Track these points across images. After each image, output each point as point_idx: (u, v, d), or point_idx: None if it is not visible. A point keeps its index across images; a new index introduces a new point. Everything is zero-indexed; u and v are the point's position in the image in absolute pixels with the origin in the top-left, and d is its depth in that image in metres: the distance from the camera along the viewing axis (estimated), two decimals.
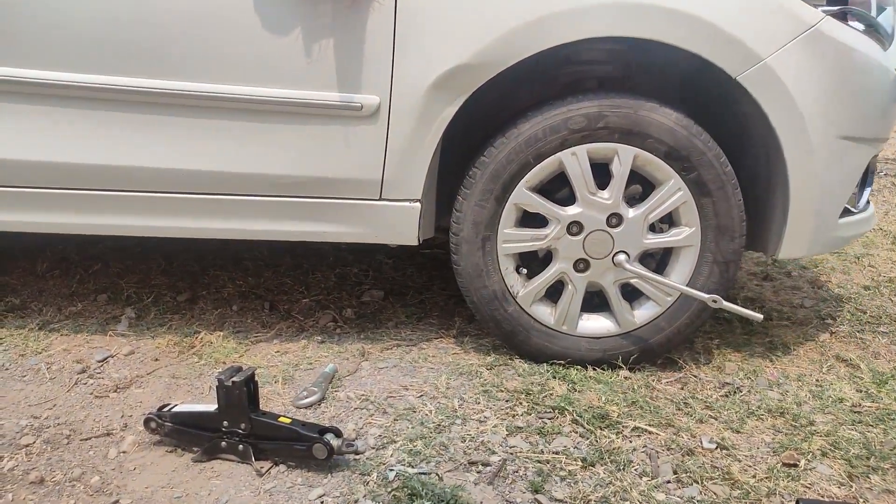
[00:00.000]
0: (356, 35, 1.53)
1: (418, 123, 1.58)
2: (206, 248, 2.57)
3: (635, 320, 1.72)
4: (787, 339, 1.98)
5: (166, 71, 1.57)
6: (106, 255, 2.48)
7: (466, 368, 1.73)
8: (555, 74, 1.77)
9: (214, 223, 1.70)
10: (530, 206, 1.66)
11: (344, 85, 1.57)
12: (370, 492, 1.26)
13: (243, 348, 1.85)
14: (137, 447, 1.41)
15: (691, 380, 1.73)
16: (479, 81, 1.55)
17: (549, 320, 1.73)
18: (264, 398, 1.59)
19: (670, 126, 1.58)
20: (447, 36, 1.53)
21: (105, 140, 1.62)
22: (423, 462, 1.34)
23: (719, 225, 1.64)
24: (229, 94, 1.57)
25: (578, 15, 1.50)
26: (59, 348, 1.83)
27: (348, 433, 1.44)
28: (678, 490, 1.29)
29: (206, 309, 2.09)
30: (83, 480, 1.31)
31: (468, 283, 1.72)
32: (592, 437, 1.44)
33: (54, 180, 1.67)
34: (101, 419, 1.52)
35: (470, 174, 1.66)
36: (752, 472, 1.34)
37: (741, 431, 1.49)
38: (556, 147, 1.61)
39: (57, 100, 1.60)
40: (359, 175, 1.63)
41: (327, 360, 1.78)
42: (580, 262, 1.67)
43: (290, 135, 1.61)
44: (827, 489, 1.29)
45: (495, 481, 1.30)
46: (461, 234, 1.68)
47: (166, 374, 1.72)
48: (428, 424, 1.48)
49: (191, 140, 1.62)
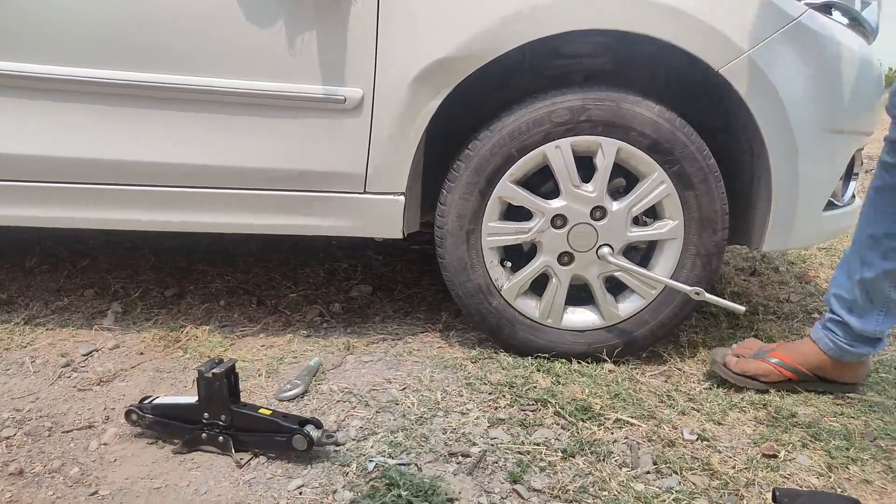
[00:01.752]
0: (339, 27, 1.54)
1: (402, 116, 1.58)
2: (196, 243, 2.57)
3: (620, 313, 1.72)
4: (772, 333, 1.98)
5: (148, 64, 1.57)
6: (95, 250, 2.48)
7: (451, 362, 1.73)
8: (541, 68, 1.77)
9: (199, 217, 1.70)
10: (514, 199, 1.66)
11: (327, 78, 1.57)
12: (349, 482, 1.26)
13: (229, 342, 1.85)
14: (118, 439, 1.41)
15: (675, 373, 1.73)
16: (462, 74, 1.55)
17: (534, 313, 1.73)
18: (248, 391, 1.59)
19: (653, 119, 1.58)
20: (430, 28, 1.53)
21: (88, 133, 1.62)
22: (404, 453, 1.34)
23: (702, 218, 1.64)
24: (212, 88, 1.57)
25: (562, 7, 1.50)
26: (45, 342, 1.83)
27: (329, 425, 1.44)
28: (657, 481, 1.29)
29: (193, 304, 2.09)
30: (63, 472, 1.31)
31: (453, 277, 1.72)
32: (574, 428, 1.44)
33: (39, 174, 1.66)
34: (83, 412, 1.52)
35: (454, 167, 1.66)
36: (732, 463, 1.34)
37: (723, 423, 1.49)
38: (540, 140, 1.61)
39: (39, 93, 1.59)
40: (343, 168, 1.63)
41: (312, 354, 1.78)
42: (564, 256, 1.68)
43: (274, 128, 1.61)
44: (806, 479, 1.30)
45: (475, 472, 1.30)
46: (445, 227, 1.69)
47: (150, 367, 1.72)
48: (410, 416, 1.48)
49: (174, 133, 1.62)
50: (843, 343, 1.53)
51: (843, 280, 1.53)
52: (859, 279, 1.48)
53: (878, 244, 1.45)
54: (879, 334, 1.52)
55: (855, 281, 1.49)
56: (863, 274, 1.48)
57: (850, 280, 1.51)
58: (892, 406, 1.56)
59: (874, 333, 1.51)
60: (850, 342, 1.53)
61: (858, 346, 1.53)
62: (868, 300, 1.49)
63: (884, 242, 1.45)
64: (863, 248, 1.48)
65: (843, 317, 1.52)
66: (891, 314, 1.50)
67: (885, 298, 1.48)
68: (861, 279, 1.48)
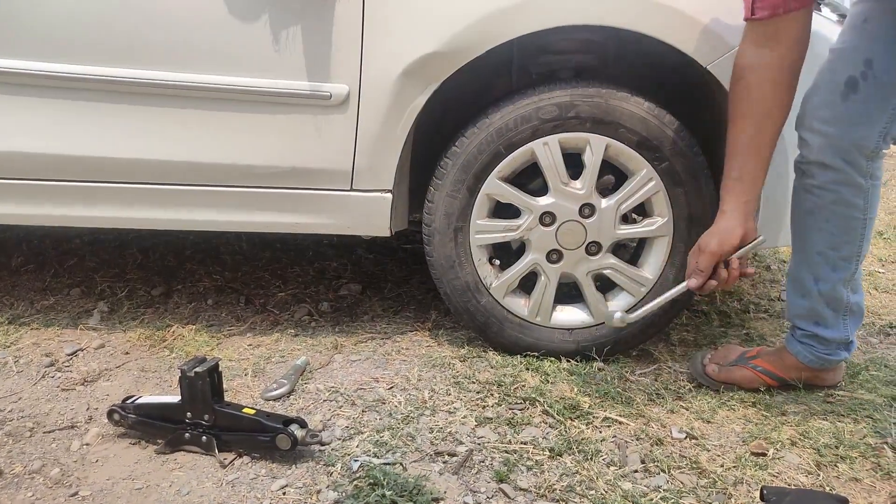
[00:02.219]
0: (324, 22, 1.52)
1: (388, 112, 1.56)
2: (184, 242, 2.55)
3: (609, 311, 1.71)
4: (763, 331, 1.97)
5: (133, 59, 1.55)
6: (82, 249, 2.46)
7: (439, 360, 1.72)
8: (530, 64, 1.76)
9: (186, 214, 1.68)
10: (502, 196, 1.64)
11: (313, 74, 1.55)
12: (333, 482, 1.24)
13: (216, 342, 1.84)
14: (101, 439, 1.39)
15: (665, 371, 1.72)
16: (449, 70, 1.54)
17: (523, 312, 1.72)
18: (234, 391, 1.58)
19: (642, 116, 1.57)
20: (417, 23, 1.52)
21: (72, 130, 1.60)
22: (389, 453, 1.33)
23: (692, 214, 1.63)
24: (198, 84, 1.55)
25: (551, 3, 1.49)
26: (29, 342, 1.81)
27: (315, 425, 1.43)
28: (645, 479, 1.28)
29: (180, 303, 2.08)
30: (43, 472, 1.29)
31: (441, 275, 1.71)
32: (562, 427, 1.43)
33: (21, 171, 1.64)
34: (66, 412, 1.50)
35: (442, 164, 1.65)
36: (721, 462, 1.33)
37: (712, 422, 1.48)
38: (528, 137, 1.59)
39: (20, 88, 1.57)
40: (329, 165, 1.62)
41: (300, 353, 1.77)
42: (553, 253, 1.66)
43: (260, 124, 1.59)
44: (794, 478, 1.29)
45: (461, 471, 1.28)
46: (433, 224, 1.67)
47: (136, 367, 1.70)
48: (396, 416, 1.46)
49: (160, 130, 1.60)
50: (823, 354, 1.54)
51: (799, 300, 1.54)
52: (817, 293, 1.50)
53: (826, 258, 1.47)
54: (851, 337, 1.54)
55: (814, 296, 1.50)
56: (819, 288, 1.49)
57: (805, 298, 1.52)
58: (881, 404, 1.55)
59: (846, 338, 1.53)
60: (829, 352, 1.54)
61: (836, 353, 1.55)
62: (831, 310, 1.51)
63: (830, 255, 1.46)
64: (812, 266, 1.49)
65: (813, 331, 1.53)
66: (853, 316, 1.52)
67: (843, 304, 1.50)
68: (819, 292, 1.50)
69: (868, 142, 1.37)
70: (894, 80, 1.33)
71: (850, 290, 1.49)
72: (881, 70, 1.32)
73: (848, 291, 1.49)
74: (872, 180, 1.40)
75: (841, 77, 1.36)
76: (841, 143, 1.37)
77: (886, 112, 1.35)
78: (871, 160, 1.39)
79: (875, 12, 1.34)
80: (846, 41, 1.39)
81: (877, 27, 1.33)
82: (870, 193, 1.41)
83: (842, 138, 1.37)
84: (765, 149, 1.38)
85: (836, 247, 1.46)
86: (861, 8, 1.38)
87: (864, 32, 1.35)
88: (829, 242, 1.46)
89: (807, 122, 1.42)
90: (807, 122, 1.42)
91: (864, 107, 1.35)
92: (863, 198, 1.41)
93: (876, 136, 1.36)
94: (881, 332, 1.99)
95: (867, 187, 1.40)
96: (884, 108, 1.35)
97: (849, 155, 1.37)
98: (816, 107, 1.40)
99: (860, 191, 1.40)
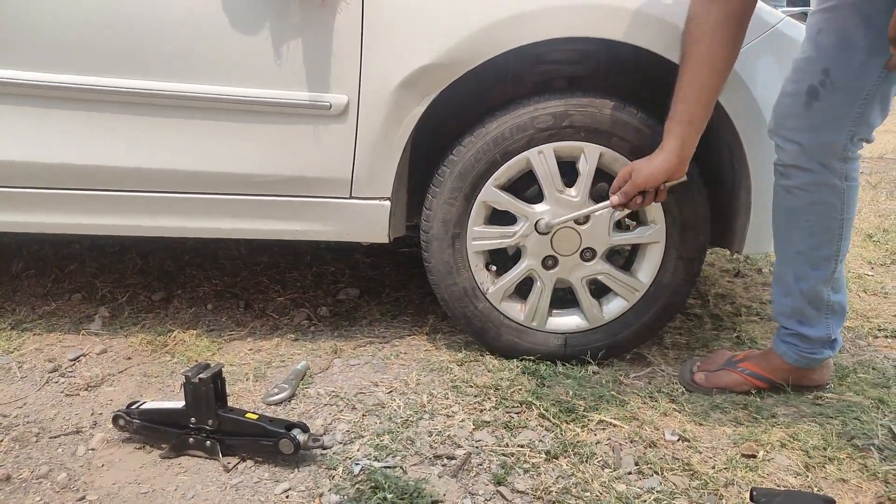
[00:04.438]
0: (324, 34, 1.55)
1: (387, 122, 1.59)
2: (184, 247, 2.58)
3: (604, 316, 1.74)
4: (754, 335, 2.01)
5: (135, 70, 1.58)
6: (82, 254, 2.48)
7: (437, 365, 1.75)
8: (525, 74, 1.79)
9: (187, 222, 1.71)
10: (499, 203, 1.68)
11: (313, 84, 1.58)
12: (335, 485, 1.27)
13: (216, 346, 1.86)
14: (106, 444, 1.42)
15: (659, 374, 1.76)
16: (447, 80, 1.57)
17: (519, 316, 1.75)
18: (236, 395, 1.61)
19: (635, 125, 1.60)
20: (415, 35, 1.55)
21: (71, 139, 1.63)
22: (389, 456, 1.36)
23: (684, 221, 1.66)
24: (200, 94, 1.58)
25: (544, 16, 1.52)
26: (32, 347, 1.83)
27: (316, 429, 1.46)
28: (639, 481, 1.31)
29: (180, 308, 2.10)
30: (50, 477, 1.31)
31: (439, 280, 1.74)
32: (558, 430, 1.46)
33: (22, 179, 1.67)
34: (70, 417, 1.52)
35: (439, 172, 1.68)
36: (712, 464, 1.37)
37: (704, 424, 1.52)
38: (524, 146, 1.63)
39: (21, 98, 1.60)
40: (329, 174, 1.65)
41: (300, 358, 1.79)
42: (548, 259, 1.70)
43: (261, 134, 1.62)
44: (783, 479, 1.32)
45: (459, 474, 1.32)
46: (431, 231, 1.70)
47: (138, 372, 1.72)
48: (396, 420, 1.49)
49: (161, 140, 1.63)
50: (807, 353, 1.58)
51: (783, 299, 1.59)
52: (799, 291, 1.55)
53: (806, 257, 1.52)
54: (834, 335, 1.58)
55: (796, 295, 1.55)
56: (800, 286, 1.54)
57: (788, 297, 1.57)
58: (869, 406, 1.59)
59: (829, 337, 1.57)
60: (812, 350, 1.59)
61: (820, 351, 1.59)
62: (813, 309, 1.55)
63: (810, 255, 1.52)
64: (793, 264, 1.55)
65: (797, 330, 1.58)
66: (835, 315, 1.56)
67: (825, 303, 1.55)
68: (801, 291, 1.54)
69: (837, 145, 1.42)
70: (852, 85, 1.38)
71: (831, 289, 1.54)
72: (837, 77, 1.38)
73: (829, 290, 1.54)
74: (848, 182, 1.46)
75: (802, 87, 1.42)
76: (812, 149, 1.43)
77: (850, 116, 1.40)
78: (845, 162, 1.44)
79: (827, 23, 1.40)
80: (805, 52, 1.44)
81: (829, 37, 1.39)
82: (846, 194, 1.46)
83: (812, 144, 1.43)
84: (707, 97, 1.42)
85: (815, 246, 1.51)
86: (815, 19, 1.44)
87: (818, 43, 1.41)
88: (808, 242, 1.51)
89: (778, 131, 1.48)
90: (778, 131, 1.48)
91: (827, 113, 1.41)
92: (839, 198, 1.46)
93: (844, 139, 1.42)
94: (869, 335, 2.03)
95: (843, 188, 1.45)
96: (847, 112, 1.40)
97: (823, 158, 1.43)
98: (784, 116, 1.46)
99: (836, 192, 1.46)
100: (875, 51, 1.33)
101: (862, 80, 1.37)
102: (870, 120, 1.41)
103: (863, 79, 1.37)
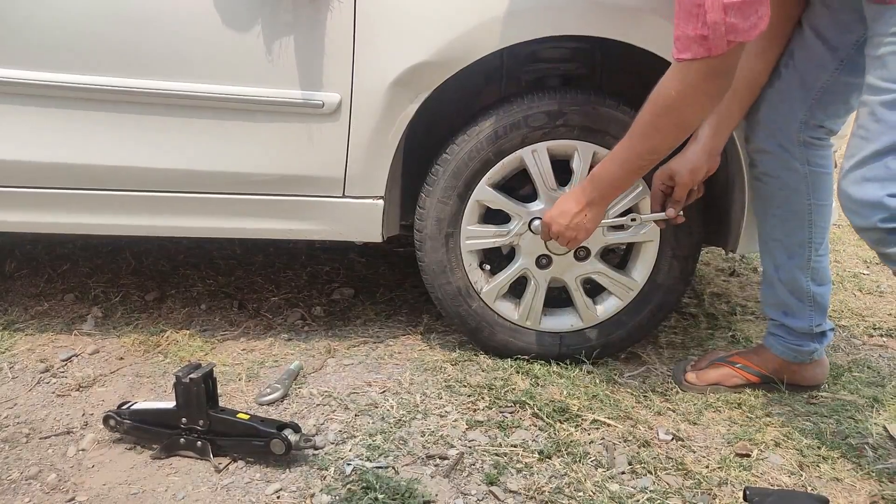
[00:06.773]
0: (317, 33, 1.54)
1: (380, 121, 1.58)
2: (177, 247, 2.57)
3: (598, 315, 1.74)
4: (749, 334, 2.01)
5: (128, 69, 1.56)
6: (75, 254, 2.47)
7: (431, 364, 1.74)
8: (519, 72, 1.79)
9: (180, 221, 1.70)
10: (492, 202, 1.67)
11: (305, 83, 1.57)
12: (326, 486, 1.27)
13: (209, 346, 1.85)
14: (97, 445, 1.41)
15: (653, 373, 1.75)
16: (440, 79, 1.56)
17: (513, 316, 1.74)
18: (228, 396, 1.60)
19: (628, 123, 1.59)
20: (407, 33, 1.54)
21: (68, 138, 1.62)
22: (382, 456, 1.35)
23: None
24: (191, 93, 1.57)
25: (535, 14, 1.52)
26: (23, 348, 1.82)
27: (309, 429, 1.45)
28: (632, 481, 1.31)
29: (174, 308, 2.09)
30: (40, 478, 1.31)
31: (432, 280, 1.73)
32: (551, 430, 1.46)
33: (18, 179, 1.66)
34: (61, 418, 1.51)
35: (432, 171, 1.67)
36: (706, 463, 1.36)
37: (698, 423, 1.51)
38: (517, 144, 1.62)
39: (21, 98, 1.59)
40: (321, 172, 1.64)
41: (293, 358, 1.78)
42: (542, 258, 1.69)
43: (253, 132, 1.61)
44: (777, 478, 1.32)
45: (452, 474, 1.31)
46: (425, 230, 1.70)
47: (130, 372, 1.71)
48: (389, 419, 1.49)
49: (152, 139, 1.62)
50: (793, 345, 1.59)
51: (767, 290, 1.62)
52: (778, 280, 1.57)
53: (781, 244, 1.55)
54: (819, 328, 1.59)
55: (777, 285, 1.58)
56: (779, 275, 1.57)
57: (772, 287, 1.59)
58: (863, 405, 1.59)
59: (813, 328, 1.58)
60: (797, 342, 1.59)
61: (806, 343, 1.59)
62: (796, 299, 1.57)
63: (785, 241, 1.54)
64: (772, 253, 1.57)
65: (783, 321, 1.60)
66: (818, 307, 1.57)
67: (805, 293, 1.56)
68: (780, 280, 1.57)
69: (791, 126, 1.45)
70: (810, 72, 1.42)
71: (810, 279, 1.55)
72: (798, 60, 1.43)
73: (808, 280, 1.55)
74: (810, 167, 1.48)
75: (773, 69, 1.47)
76: (769, 125, 1.47)
77: (806, 102, 1.44)
78: (806, 147, 1.47)
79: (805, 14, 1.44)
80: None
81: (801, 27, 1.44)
82: (810, 179, 1.49)
83: (767, 120, 1.47)
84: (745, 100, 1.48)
85: (788, 233, 1.53)
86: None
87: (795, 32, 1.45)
88: (781, 229, 1.54)
89: (747, 116, 1.51)
90: (747, 116, 1.51)
91: (784, 92, 1.45)
92: (804, 183, 1.49)
93: (797, 120, 1.45)
94: (864, 334, 2.03)
95: (805, 172, 1.48)
96: (803, 97, 1.44)
97: (780, 138, 1.47)
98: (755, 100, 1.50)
99: (799, 175, 1.49)
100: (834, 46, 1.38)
101: (818, 70, 1.41)
102: (828, 110, 1.45)
103: (819, 69, 1.41)
